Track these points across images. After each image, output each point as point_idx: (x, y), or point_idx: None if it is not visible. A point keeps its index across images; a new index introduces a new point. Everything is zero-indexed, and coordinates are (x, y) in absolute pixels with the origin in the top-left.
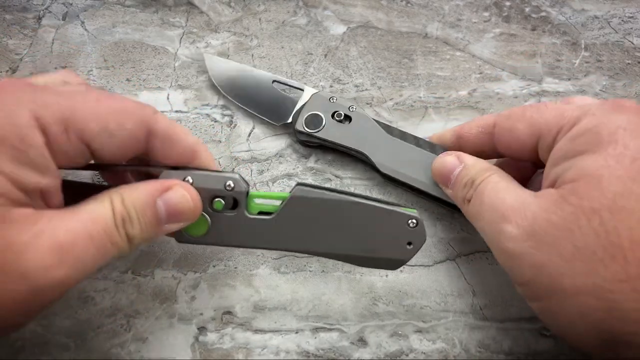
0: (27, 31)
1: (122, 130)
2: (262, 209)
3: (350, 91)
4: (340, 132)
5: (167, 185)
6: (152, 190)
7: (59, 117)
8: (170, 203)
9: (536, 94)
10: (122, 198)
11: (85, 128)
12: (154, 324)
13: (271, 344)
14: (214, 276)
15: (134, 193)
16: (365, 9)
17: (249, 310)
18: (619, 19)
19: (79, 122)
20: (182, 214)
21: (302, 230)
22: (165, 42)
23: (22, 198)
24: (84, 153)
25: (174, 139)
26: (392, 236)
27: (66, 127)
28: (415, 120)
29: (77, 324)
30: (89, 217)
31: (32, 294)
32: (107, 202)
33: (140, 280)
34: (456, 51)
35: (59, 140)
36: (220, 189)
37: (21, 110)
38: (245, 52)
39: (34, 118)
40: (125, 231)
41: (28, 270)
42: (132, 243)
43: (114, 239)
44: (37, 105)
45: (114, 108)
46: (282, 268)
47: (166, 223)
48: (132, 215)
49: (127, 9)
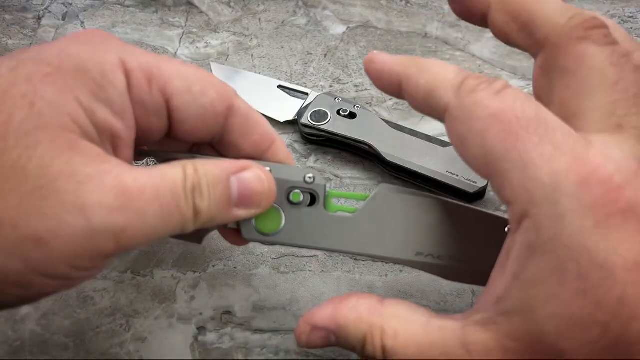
0: (27, 31)
1: (205, 97)
2: (340, 209)
3: (350, 91)
4: (346, 125)
5: (243, 164)
6: (228, 167)
7: (145, 67)
8: (244, 182)
9: None
10: (195, 167)
11: (169, 83)
12: (154, 324)
13: (271, 344)
14: (214, 276)
15: (209, 165)
16: (364, 9)
17: (248, 310)
18: (619, 19)
19: (163, 76)
20: (255, 196)
21: (386, 233)
22: (165, 42)
23: (94, 134)
24: (161, 113)
25: (253, 123)
26: (486, 244)
27: (150, 78)
28: (415, 120)
29: (76, 324)
30: (159, 174)
31: (87, 234)
32: (179, 167)
33: (139, 280)
34: (456, 51)
35: (141, 88)
36: (300, 181)
37: (108, 53)
38: (245, 52)
39: (119, 61)
40: (193, 201)
41: (87, 204)
42: (198, 218)
43: (180, 204)
44: (124, 52)
45: (199, 74)
46: (281, 268)
47: (236, 205)
48: (203, 185)
49: (126, 9)
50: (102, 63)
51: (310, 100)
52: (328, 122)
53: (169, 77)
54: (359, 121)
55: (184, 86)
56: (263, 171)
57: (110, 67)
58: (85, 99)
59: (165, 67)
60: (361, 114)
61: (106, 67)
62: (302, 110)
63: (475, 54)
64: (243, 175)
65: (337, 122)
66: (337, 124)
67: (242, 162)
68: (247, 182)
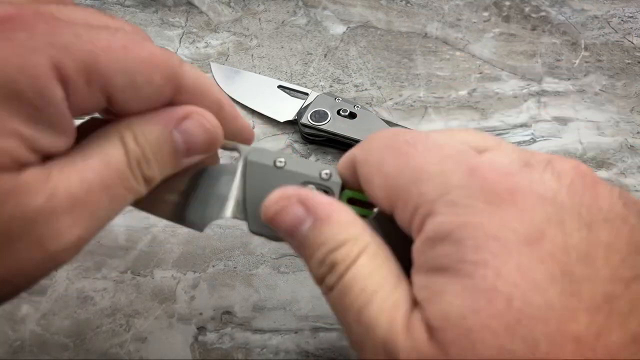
0: None
1: (150, 85)
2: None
3: (350, 91)
4: (346, 125)
5: (183, 113)
6: (167, 120)
7: (81, 66)
8: (187, 133)
9: (536, 93)
10: (134, 134)
11: (110, 81)
12: (154, 324)
13: (270, 344)
14: (214, 276)
15: (147, 127)
16: (364, 9)
17: (248, 310)
18: (619, 19)
19: (103, 73)
20: (201, 145)
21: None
22: (165, 42)
23: (32, 159)
24: (101, 105)
25: (200, 94)
26: None
27: (88, 79)
28: (415, 120)
29: (76, 324)
30: (101, 162)
31: (49, 260)
32: (117, 141)
33: (139, 280)
34: (456, 51)
35: (80, 92)
36: (315, 176)
37: (38, 57)
38: (245, 52)
39: (53, 67)
40: (141, 173)
41: (44, 236)
42: (150, 184)
43: (128, 184)
44: (56, 49)
45: (143, 58)
46: (281, 268)
47: (184, 157)
48: (148, 154)
49: (127, 9)
50: (35, 77)
51: (310, 100)
52: (328, 122)
53: (110, 73)
54: (359, 121)
55: (128, 81)
56: (204, 116)
57: (44, 80)
58: (24, 129)
59: (105, 61)
60: (361, 114)
61: (40, 82)
62: (302, 110)
63: (475, 53)
64: (185, 126)
65: (337, 122)
66: (337, 124)
67: (181, 110)
68: (190, 132)
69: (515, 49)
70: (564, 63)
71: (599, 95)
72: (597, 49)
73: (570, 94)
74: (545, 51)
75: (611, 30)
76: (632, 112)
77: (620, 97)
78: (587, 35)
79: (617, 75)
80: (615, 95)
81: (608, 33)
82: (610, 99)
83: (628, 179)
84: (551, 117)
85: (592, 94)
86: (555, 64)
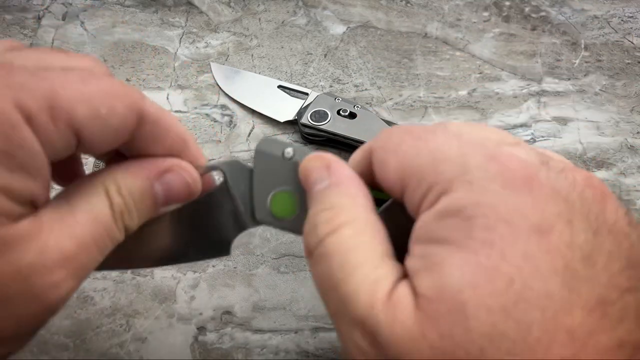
0: (27, 31)
1: (114, 117)
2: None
3: (350, 91)
4: (346, 125)
5: (165, 167)
6: (149, 173)
7: (42, 103)
8: (169, 186)
9: (536, 93)
10: (118, 186)
11: (74, 113)
12: (154, 324)
13: (270, 344)
14: (213, 276)
15: (130, 178)
16: (364, 9)
17: (248, 310)
18: (619, 19)
19: (65, 106)
20: (180, 197)
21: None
22: (165, 42)
23: (15, 209)
24: (70, 144)
25: (165, 126)
26: None
27: (52, 114)
28: (415, 120)
29: (76, 324)
30: (90, 218)
31: (45, 312)
32: (102, 194)
33: (139, 280)
34: (456, 51)
35: (47, 130)
36: None
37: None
38: (245, 52)
39: (17, 107)
40: (123, 223)
41: (39, 291)
42: (128, 232)
43: (112, 234)
44: (15, 90)
45: (103, 89)
46: (281, 268)
47: (162, 205)
48: (130, 206)
49: (126, 9)
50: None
51: (310, 100)
52: (328, 122)
53: (73, 106)
54: (359, 121)
55: (91, 113)
56: (187, 170)
57: (11, 123)
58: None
59: (65, 94)
60: (361, 114)
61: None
62: (302, 110)
63: (475, 53)
64: (167, 179)
65: (337, 122)
66: (337, 124)
67: (164, 163)
68: (171, 186)
69: (515, 49)
70: (564, 63)
71: (599, 95)
72: (597, 49)
73: (570, 94)
74: (545, 51)
75: (611, 30)
76: (632, 112)
77: (620, 97)
78: (587, 35)
79: (617, 75)
80: (615, 95)
81: (608, 33)
82: (610, 99)
83: (628, 179)
84: (551, 117)
85: (592, 94)
86: (555, 64)
